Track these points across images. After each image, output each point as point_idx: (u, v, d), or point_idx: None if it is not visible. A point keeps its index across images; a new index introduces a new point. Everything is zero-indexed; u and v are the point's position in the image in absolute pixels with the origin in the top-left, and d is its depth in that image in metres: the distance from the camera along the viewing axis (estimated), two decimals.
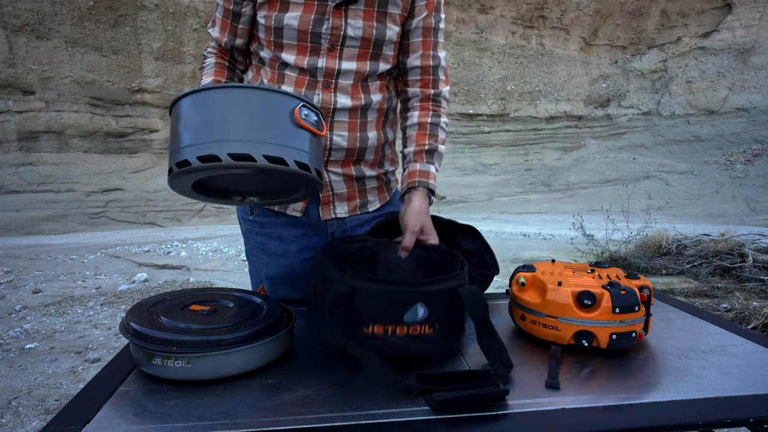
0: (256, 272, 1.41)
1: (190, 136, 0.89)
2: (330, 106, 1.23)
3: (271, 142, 0.89)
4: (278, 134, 0.91)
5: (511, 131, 15.07)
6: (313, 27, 1.17)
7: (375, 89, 1.28)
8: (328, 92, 1.22)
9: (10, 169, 10.51)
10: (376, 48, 1.23)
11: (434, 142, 1.30)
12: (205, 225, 10.72)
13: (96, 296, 4.50)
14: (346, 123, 1.25)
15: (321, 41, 1.19)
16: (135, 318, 0.87)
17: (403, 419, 0.74)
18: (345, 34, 1.19)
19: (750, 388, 0.83)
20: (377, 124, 1.31)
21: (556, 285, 0.96)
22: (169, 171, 0.91)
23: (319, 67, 1.21)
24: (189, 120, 0.91)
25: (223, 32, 1.27)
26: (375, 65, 1.25)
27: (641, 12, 15.60)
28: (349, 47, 1.21)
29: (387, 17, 1.21)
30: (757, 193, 12.35)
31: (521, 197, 13.58)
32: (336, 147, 1.26)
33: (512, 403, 0.78)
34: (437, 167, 1.29)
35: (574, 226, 6.50)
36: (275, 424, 0.71)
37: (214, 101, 0.91)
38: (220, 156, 0.86)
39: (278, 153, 0.89)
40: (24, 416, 2.48)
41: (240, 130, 0.89)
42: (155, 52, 11.53)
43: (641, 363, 0.93)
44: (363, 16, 1.19)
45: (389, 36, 1.23)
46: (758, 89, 15.70)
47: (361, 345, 0.81)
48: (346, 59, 1.21)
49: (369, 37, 1.20)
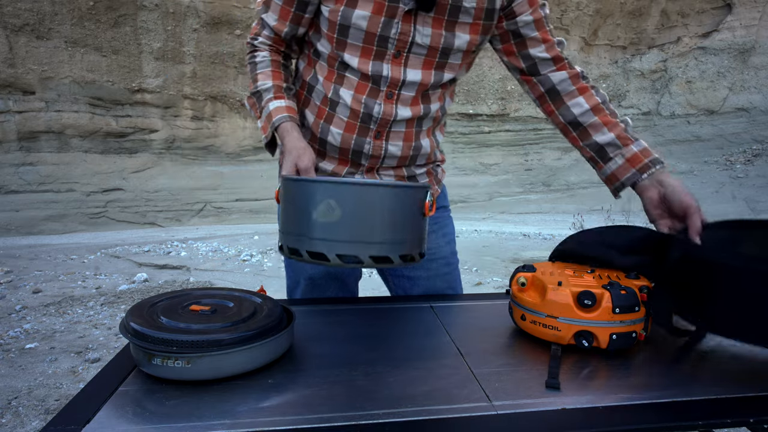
0: (294, 272, 1.38)
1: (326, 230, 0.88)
2: (390, 118, 1.19)
3: (406, 241, 0.90)
4: (410, 230, 0.92)
5: (511, 131, 15.07)
6: (381, 30, 1.11)
7: (435, 99, 1.24)
8: (390, 103, 1.18)
9: (10, 169, 10.51)
10: (442, 57, 1.17)
11: (618, 117, 1.19)
12: (205, 225, 10.72)
13: (96, 296, 4.50)
14: (402, 133, 1.23)
15: (387, 46, 1.13)
16: (135, 318, 0.87)
17: (403, 419, 0.74)
18: (413, 41, 1.13)
19: (750, 389, 0.83)
20: (429, 131, 1.29)
21: (556, 285, 0.96)
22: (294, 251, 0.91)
23: (383, 75, 1.15)
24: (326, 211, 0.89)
25: (283, 20, 1.18)
26: (439, 75, 1.19)
27: (641, 12, 15.60)
28: (415, 54, 1.15)
29: (457, 26, 1.14)
30: (757, 193, 12.34)
31: (521, 197, 13.58)
32: (390, 156, 1.24)
33: (512, 403, 0.78)
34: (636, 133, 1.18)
35: (574, 226, 6.50)
36: (275, 424, 0.71)
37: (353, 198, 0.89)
38: (362, 258, 0.87)
39: (410, 251, 0.90)
40: (24, 416, 2.48)
41: (380, 232, 0.89)
42: (155, 52, 11.53)
43: (641, 363, 0.93)
44: (432, 23, 1.12)
45: (458, 45, 1.16)
46: (758, 89, 15.69)
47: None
48: (411, 67, 1.16)
49: (437, 45, 1.15)
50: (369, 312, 1.18)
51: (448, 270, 1.41)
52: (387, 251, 0.86)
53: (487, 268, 5.51)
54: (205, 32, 11.72)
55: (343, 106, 1.20)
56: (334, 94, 1.20)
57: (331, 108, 1.21)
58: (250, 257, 6.16)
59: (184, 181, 11.72)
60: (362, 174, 1.27)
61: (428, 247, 1.37)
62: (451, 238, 1.44)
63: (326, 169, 1.28)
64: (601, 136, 1.18)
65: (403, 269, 1.38)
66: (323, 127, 1.23)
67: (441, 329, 1.08)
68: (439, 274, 1.39)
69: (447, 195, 1.47)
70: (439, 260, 1.39)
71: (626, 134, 1.16)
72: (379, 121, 1.20)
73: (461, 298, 1.31)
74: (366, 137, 1.22)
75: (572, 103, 1.21)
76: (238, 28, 11.92)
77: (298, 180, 0.98)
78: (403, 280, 1.40)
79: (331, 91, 1.20)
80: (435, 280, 1.39)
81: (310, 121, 1.26)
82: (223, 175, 12.12)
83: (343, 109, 1.20)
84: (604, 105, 1.20)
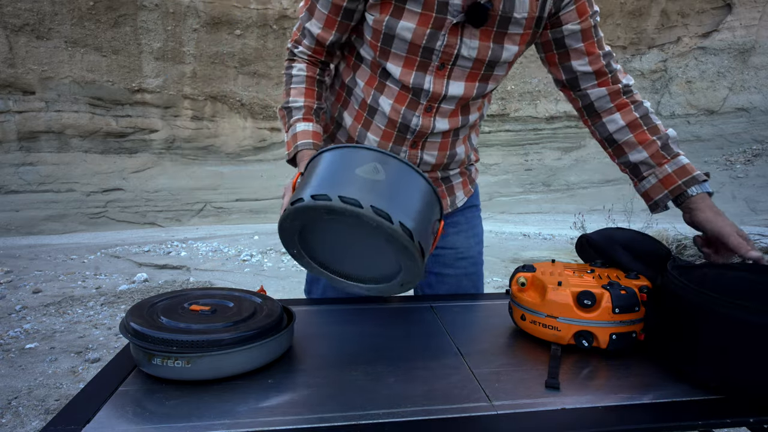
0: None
1: (365, 185, 0.85)
2: (428, 131, 1.18)
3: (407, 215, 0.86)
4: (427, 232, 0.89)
5: (511, 131, 15.07)
6: (427, 41, 1.07)
7: (474, 110, 1.23)
8: (428, 117, 1.16)
9: (10, 169, 10.51)
10: (488, 69, 1.13)
11: (659, 132, 1.13)
12: (205, 225, 10.72)
13: (96, 296, 4.50)
14: (437, 143, 1.23)
15: (432, 57, 1.10)
16: (135, 318, 0.87)
17: (403, 419, 0.74)
18: (458, 53, 1.09)
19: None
20: (465, 138, 1.28)
21: (556, 285, 0.96)
22: (322, 196, 0.86)
23: (425, 88, 1.13)
24: (372, 171, 0.87)
25: (328, 29, 1.14)
26: (483, 87, 1.16)
27: (641, 12, 15.60)
28: (459, 67, 1.11)
29: (506, 38, 1.09)
30: (757, 193, 12.34)
31: (521, 197, 13.58)
32: (424, 163, 1.24)
33: (512, 403, 0.78)
34: (683, 154, 1.11)
35: (575, 226, 6.50)
36: (275, 424, 0.71)
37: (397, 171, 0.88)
38: (393, 220, 0.83)
39: (385, 208, 0.84)
40: (24, 416, 2.48)
41: (411, 211, 0.87)
42: (155, 52, 11.53)
43: (641, 363, 0.93)
44: (479, 36, 1.08)
45: (505, 57, 1.12)
46: (758, 89, 15.69)
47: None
48: (454, 79, 1.13)
49: (483, 58, 1.10)
50: (369, 312, 1.18)
51: (475, 270, 1.42)
52: (412, 227, 0.84)
53: (487, 268, 5.50)
54: (205, 32, 11.72)
55: (381, 114, 1.18)
56: (373, 101, 1.19)
57: (369, 114, 1.20)
58: (250, 257, 6.16)
59: (184, 181, 11.73)
60: None
61: (458, 246, 1.38)
62: (479, 239, 1.44)
63: None
64: (636, 154, 1.15)
65: (431, 265, 1.38)
66: (360, 131, 1.23)
67: (441, 329, 1.08)
68: (467, 273, 1.40)
69: (479, 194, 1.46)
70: (468, 259, 1.40)
71: (662, 153, 1.12)
72: (416, 133, 1.19)
73: (461, 298, 1.31)
74: (402, 146, 1.21)
75: (608, 119, 1.18)
76: (238, 28, 11.92)
77: (345, 147, 0.94)
78: (431, 276, 1.40)
79: (370, 97, 1.19)
80: (462, 279, 1.40)
81: (347, 123, 1.25)
82: (223, 175, 12.12)
83: (381, 117, 1.19)
84: (643, 120, 1.15)
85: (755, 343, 0.77)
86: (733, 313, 0.78)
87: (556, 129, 15.52)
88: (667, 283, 0.90)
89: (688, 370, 0.86)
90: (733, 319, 0.78)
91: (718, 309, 0.79)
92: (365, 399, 0.78)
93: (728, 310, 0.78)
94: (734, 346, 0.79)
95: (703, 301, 0.81)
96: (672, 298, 0.88)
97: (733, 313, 0.78)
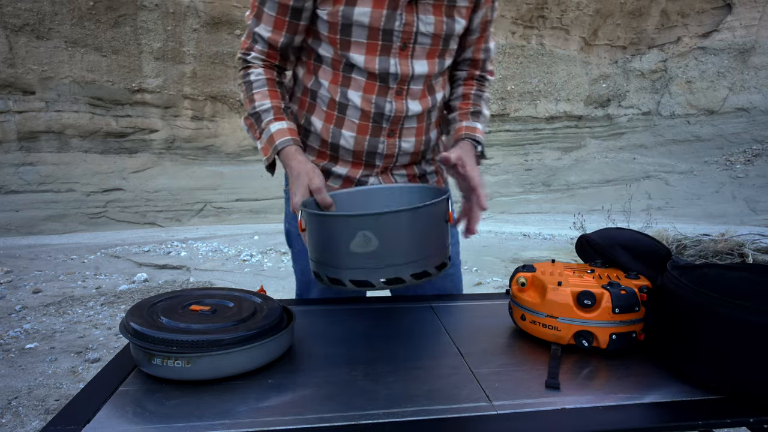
0: (305, 275, 1.36)
1: (366, 259, 0.90)
2: (402, 114, 1.20)
3: (439, 253, 0.95)
4: (442, 240, 0.96)
5: (511, 131, 15.07)
6: (385, 23, 1.10)
7: (438, 88, 1.26)
8: (400, 100, 1.19)
9: (10, 169, 10.51)
10: (444, 44, 1.18)
11: (478, 106, 1.28)
12: (205, 225, 10.72)
13: (96, 296, 4.50)
14: (414, 128, 1.24)
15: (393, 39, 1.13)
16: (135, 318, 0.87)
17: (403, 419, 0.74)
18: (417, 31, 1.13)
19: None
20: (436, 122, 1.30)
21: (556, 285, 0.96)
22: (337, 281, 0.93)
23: (391, 72, 1.15)
24: (363, 243, 0.91)
25: (278, 31, 1.15)
26: (442, 63, 1.21)
27: (641, 12, 15.60)
28: (420, 45, 1.15)
29: (455, 11, 1.16)
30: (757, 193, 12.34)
31: (521, 197, 13.58)
32: (403, 153, 1.25)
33: (512, 403, 0.78)
34: (483, 127, 1.25)
35: (575, 226, 6.50)
36: (275, 424, 0.71)
37: (387, 225, 0.91)
38: (404, 279, 0.91)
39: (442, 259, 0.95)
40: (24, 416, 2.48)
41: (417, 250, 0.92)
42: (155, 52, 11.53)
43: (641, 363, 0.93)
44: (432, 11, 1.13)
45: (457, 30, 1.18)
46: (758, 89, 15.69)
47: None
48: (417, 58, 1.16)
49: (439, 32, 1.16)
50: (369, 312, 1.18)
51: (453, 270, 1.42)
52: (424, 266, 0.90)
53: (487, 268, 5.51)
54: (205, 32, 11.71)
55: (353, 108, 1.19)
56: (342, 97, 1.19)
57: (340, 111, 1.20)
58: (250, 257, 6.16)
59: (184, 181, 11.72)
60: (377, 176, 1.27)
61: None
62: (456, 240, 1.44)
63: (340, 173, 1.27)
64: (452, 114, 1.30)
65: None
66: (334, 131, 1.22)
67: (441, 329, 1.08)
68: (447, 274, 1.40)
69: (451, 194, 1.48)
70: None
71: (466, 115, 1.26)
72: (391, 119, 1.20)
73: (461, 298, 1.31)
74: (380, 137, 1.22)
75: (454, 90, 1.33)
76: (238, 28, 11.92)
77: (328, 216, 0.98)
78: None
79: (338, 94, 1.19)
80: (444, 280, 1.40)
81: (318, 127, 1.24)
82: (223, 175, 12.12)
83: (354, 111, 1.19)
84: (473, 96, 1.29)
85: (755, 343, 0.77)
86: (733, 313, 0.78)
87: (556, 129, 15.52)
88: (667, 283, 0.91)
89: (688, 370, 0.86)
90: (733, 319, 0.78)
91: (718, 309, 0.79)
92: (365, 399, 0.78)
93: (728, 310, 0.78)
94: (734, 346, 0.79)
95: (703, 301, 0.81)
96: (672, 298, 0.88)
97: (733, 313, 0.78)
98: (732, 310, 0.78)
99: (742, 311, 0.77)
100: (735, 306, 0.78)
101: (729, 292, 0.80)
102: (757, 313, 0.76)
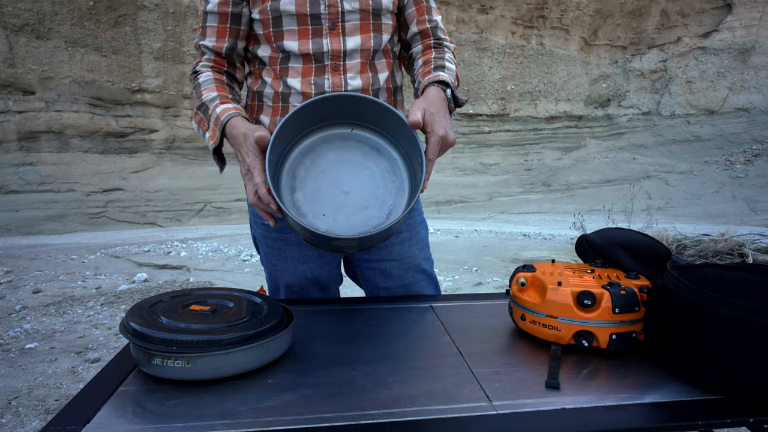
0: (273, 280, 1.38)
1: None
2: (341, 89, 1.22)
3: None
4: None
5: (511, 131, 15.08)
6: (311, 8, 1.17)
7: (382, 68, 1.27)
8: (338, 75, 1.21)
9: (10, 169, 10.51)
10: (375, 18, 1.22)
11: (440, 61, 1.26)
12: (205, 225, 10.72)
13: (96, 296, 4.50)
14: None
15: (322, 22, 1.18)
16: (135, 318, 0.87)
17: (403, 419, 0.74)
18: (342, 10, 1.18)
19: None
20: (387, 102, 1.30)
21: (556, 285, 0.96)
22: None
23: (325, 51, 1.19)
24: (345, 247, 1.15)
25: (221, 38, 1.23)
26: (378, 38, 1.24)
27: (641, 12, 15.60)
28: (350, 22, 1.20)
29: None
30: (757, 193, 12.35)
31: (521, 197, 13.58)
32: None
33: (512, 403, 0.78)
34: (448, 74, 1.21)
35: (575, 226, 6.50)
36: (275, 424, 0.71)
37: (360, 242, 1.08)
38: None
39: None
40: (24, 416, 2.48)
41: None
42: (155, 52, 11.53)
43: (641, 363, 0.93)
44: None
45: (385, 4, 1.22)
46: (758, 89, 15.69)
47: None
48: (349, 35, 1.20)
49: (366, 7, 1.20)
50: (369, 312, 1.18)
51: (424, 276, 1.41)
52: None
53: (487, 268, 5.51)
54: None
55: (295, 94, 1.22)
56: (284, 88, 1.22)
57: (284, 101, 1.24)
58: (250, 257, 6.16)
59: (184, 181, 11.73)
60: None
61: (403, 256, 1.37)
62: (424, 243, 1.43)
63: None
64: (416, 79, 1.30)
65: (380, 280, 1.38)
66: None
67: (441, 329, 1.08)
68: (418, 281, 1.39)
69: (420, 198, 1.43)
70: (415, 268, 1.38)
71: (428, 70, 1.25)
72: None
73: (461, 298, 1.31)
74: None
75: (414, 63, 1.33)
76: None
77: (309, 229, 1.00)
78: (380, 291, 1.39)
79: (281, 86, 1.23)
80: (418, 285, 1.39)
81: (266, 123, 1.26)
82: (223, 175, 12.11)
83: (296, 96, 1.22)
84: (434, 59, 1.27)
85: (755, 343, 0.77)
86: (733, 313, 0.78)
87: (556, 129, 15.53)
88: (667, 283, 0.90)
89: (688, 370, 0.86)
90: (733, 319, 0.78)
91: (718, 309, 0.79)
92: (365, 399, 0.78)
93: (728, 310, 0.78)
94: (734, 346, 0.79)
95: (703, 301, 0.81)
96: (672, 298, 0.88)
97: (733, 313, 0.78)
98: (732, 310, 0.78)
99: (742, 311, 0.77)
100: (735, 306, 0.78)
101: (729, 292, 0.80)
102: (757, 313, 0.76)
